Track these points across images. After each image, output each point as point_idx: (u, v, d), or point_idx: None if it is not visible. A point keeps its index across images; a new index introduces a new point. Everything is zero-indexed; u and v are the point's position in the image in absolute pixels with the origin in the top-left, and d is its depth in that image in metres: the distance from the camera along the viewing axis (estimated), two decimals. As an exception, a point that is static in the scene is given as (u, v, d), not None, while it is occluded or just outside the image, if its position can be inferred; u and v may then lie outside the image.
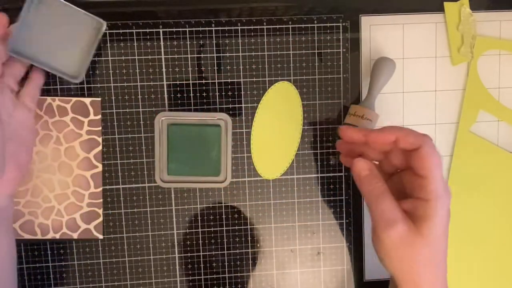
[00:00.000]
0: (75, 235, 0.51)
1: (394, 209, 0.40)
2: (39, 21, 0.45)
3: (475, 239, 0.53)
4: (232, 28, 0.50)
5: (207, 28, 0.50)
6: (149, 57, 0.49)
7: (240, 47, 0.50)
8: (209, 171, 0.49)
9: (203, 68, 0.50)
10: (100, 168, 0.50)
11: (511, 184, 0.53)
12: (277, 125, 0.51)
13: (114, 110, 0.50)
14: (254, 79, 0.51)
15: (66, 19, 0.46)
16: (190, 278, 0.52)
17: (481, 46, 0.52)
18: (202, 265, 0.52)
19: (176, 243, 0.52)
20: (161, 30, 0.49)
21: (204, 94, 0.51)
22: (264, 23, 0.50)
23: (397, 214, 0.40)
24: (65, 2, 0.46)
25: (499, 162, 0.53)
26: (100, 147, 0.50)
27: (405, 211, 0.41)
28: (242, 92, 0.51)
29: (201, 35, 0.50)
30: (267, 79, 0.51)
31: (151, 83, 0.50)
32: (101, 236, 0.51)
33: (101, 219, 0.51)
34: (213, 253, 0.52)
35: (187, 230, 0.52)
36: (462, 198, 0.53)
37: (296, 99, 0.51)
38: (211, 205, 0.52)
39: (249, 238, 0.52)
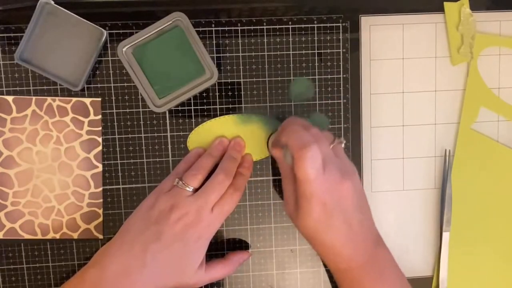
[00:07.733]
0: (75, 235, 0.51)
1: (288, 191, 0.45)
2: (47, 31, 0.47)
3: (477, 236, 0.53)
4: (232, 28, 0.50)
5: (207, 28, 0.50)
6: (149, 57, 0.49)
7: (240, 47, 0.50)
8: (193, 73, 0.47)
9: (203, 68, 0.50)
10: (100, 168, 0.50)
11: None
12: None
13: (114, 110, 0.50)
14: (254, 79, 0.51)
15: (71, 28, 0.48)
16: (190, 278, 0.52)
17: (481, 43, 0.52)
18: (202, 265, 0.52)
19: (176, 243, 0.51)
20: (161, 30, 0.49)
21: (204, 94, 0.51)
22: (264, 23, 0.50)
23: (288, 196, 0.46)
24: (71, 12, 0.47)
25: (501, 159, 0.53)
26: (100, 147, 0.50)
27: None
28: (242, 92, 0.51)
29: (201, 35, 0.50)
30: (267, 79, 0.51)
31: (151, 83, 0.50)
32: (101, 236, 0.51)
33: (101, 219, 0.51)
34: (213, 253, 0.52)
35: (187, 230, 0.52)
36: (465, 195, 0.53)
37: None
38: (211, 205, 0.52)
39: (249, 238, 0.52)
